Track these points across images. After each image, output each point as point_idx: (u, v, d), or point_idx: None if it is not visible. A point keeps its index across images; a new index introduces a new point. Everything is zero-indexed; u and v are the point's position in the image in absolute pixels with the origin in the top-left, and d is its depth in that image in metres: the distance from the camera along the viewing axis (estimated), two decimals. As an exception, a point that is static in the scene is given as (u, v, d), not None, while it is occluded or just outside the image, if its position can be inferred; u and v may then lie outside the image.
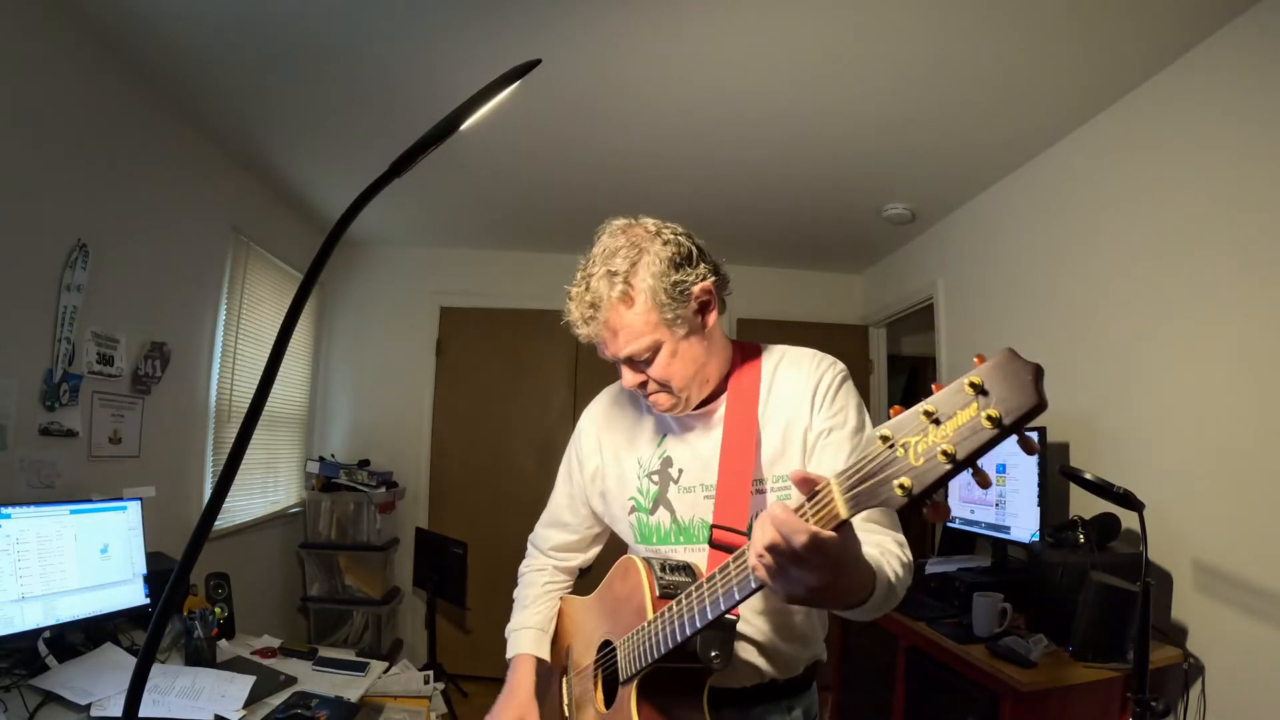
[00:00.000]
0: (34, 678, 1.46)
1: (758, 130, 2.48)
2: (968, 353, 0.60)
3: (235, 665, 1.75)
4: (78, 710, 1.39)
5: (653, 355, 0.99)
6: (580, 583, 1.31)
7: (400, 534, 3.82)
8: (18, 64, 1.74)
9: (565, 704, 1.17)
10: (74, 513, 1.69)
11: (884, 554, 0.87)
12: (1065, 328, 2.40)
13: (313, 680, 1.73)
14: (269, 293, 3.23)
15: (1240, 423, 1.74)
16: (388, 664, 1.93)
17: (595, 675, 1.07)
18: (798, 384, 1.03)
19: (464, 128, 0.74)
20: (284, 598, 3.47)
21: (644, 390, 1.03)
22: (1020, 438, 0.52)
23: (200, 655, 1.74)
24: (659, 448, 1.10)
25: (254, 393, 0.60)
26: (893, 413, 0.59)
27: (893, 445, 0.58)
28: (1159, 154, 2.01)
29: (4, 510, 1.54)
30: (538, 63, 0.81)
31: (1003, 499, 2.33)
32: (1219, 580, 1.76)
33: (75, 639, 1.67)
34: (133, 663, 1.10)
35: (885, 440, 0.58)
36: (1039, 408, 0.49)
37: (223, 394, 2.85)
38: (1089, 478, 1.59)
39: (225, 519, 2.86)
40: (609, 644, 1.04)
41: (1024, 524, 2.21)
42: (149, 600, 1.80)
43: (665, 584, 0.96)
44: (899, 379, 4.55)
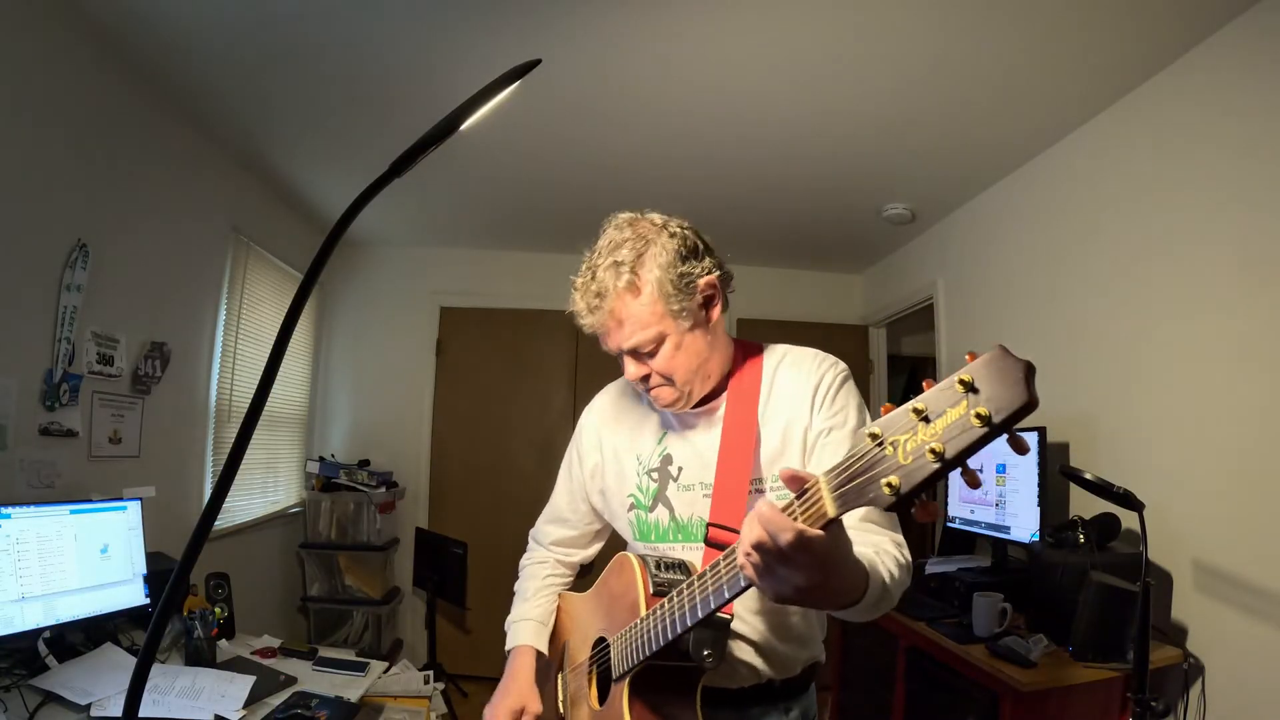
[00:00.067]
0: (34, 678, 1.46)
1: (758, 130, 2.48)
2: (967, 353, 0.60)
3: (235, 665, 1.75)
4: (78, 710, 1.39)
5: (657, 347, 0.98)
6: (579, 579, 1.31)
7: (400, 534, 3.82)
8: (18, 64, 1.74)
9: (560, 700, 1.17)
10: (74, 513, 1.69)
11: (879, 554, 0.86)
12: (1065, 328, 2.40)
13: (313, 680, 1.73)
14: (269, 293, 3.23)
15: (1240, 423, 1.74)
16: (388, 664, 1.93)
17: (590, 672, 1.07)
18: (798, 383, 1.03)
19: (464, 128, 0.74)
20: (284, 598, 3.47)
21: (646, 385, 1.03)
22: (1011, 437, 0.51)
23: (200, 655, 1.74)
24: (659, 445, 1.10)
25: (254, 393, 0.60)
26: (883, 410, 0.58)
27: (882, 443, 0.57)
28: (1159, 154, 2.02)
29: (4, 510, 1.54)
30: (538, 63, 0.81)
31: (1003, 499, 2.33)
32: (1219, 580, 1.76)
33: (75, 639, 1.67)
34: (133, 663, 1.10)
35: (874, 438, 0.57)
36: (1029, 406, 0.48)
37: (223, 394, 2.85)
38: (1089, 478, 1.59)
39: (225, 519, 2.86)
40: (603, 640, 1.04)
41: (1024, 524, 2.21)
42: (149, 600, 1.80)
43: (659, 581, 0.95)
44: (899, 379, 4.56)
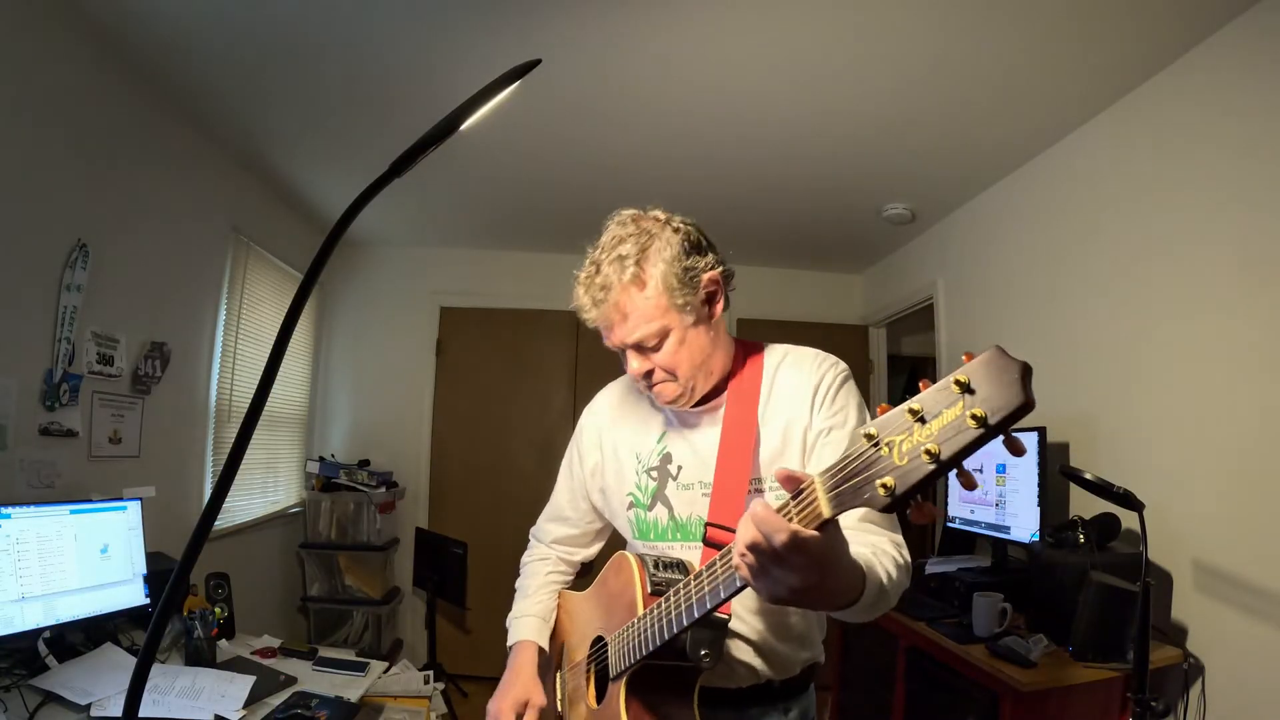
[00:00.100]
0: (34, 678, 1.46)
1: (758, 130, 2.48)
2: (972, 352, 0.60)
3: (235, 665, 1.75)
4: (78, 710, 1.39)
5: (661, 341, 0.98)
6: (579, 579, 1.31)
7: (400, 534, 3.82)
8: (17, 64, 1.74)
9: (559, 699, 1.17)
10: (74, 513, 1.69)
11: (877, 554, 0.85)
12: (1065, 328, 2.40)
13: (313, 680, 1.73)
14: (269, 293, 3.23)
15: (1240, 423, 1.74)
16: (388, 664, 1.93)
17: (588, 670, 1.07)
18: (799, 383, 1.03)
19: (464, 128, 0.74)
20: (284, 598, 3.47)
21: (649, 381, 1.02)
22: (1006, 438, 0.50)
23: (200, 655, 1.74)
24: (658, 443, 1.10)
25: (254, 393, 0.60)
26: (880, 410, 0.57)
27: (878, 444, 0.56)
28: (1159, 154, 2.01)
29: (4, 510, 1.54)
30: (538, 63, 0.81)
31: (1003, 499, 2.33)
32: (1219, 580, 1.76)
33: (75, 639, 1.67)
34: (133, 663, 1.10)
35: (870, 439, 0.57)
36: (1026, 407, 0.47)
37: (223, 394, 2.84)
38: (1089, 478, 1.59)
39: (225, 519, 2.86)
40: (601, 639, 1.04)
41: (1024, 524, 2.21)
42: (149, 600, 1.80)
43: (657, 581, 0.95)
44: (899, 379, 4.56)
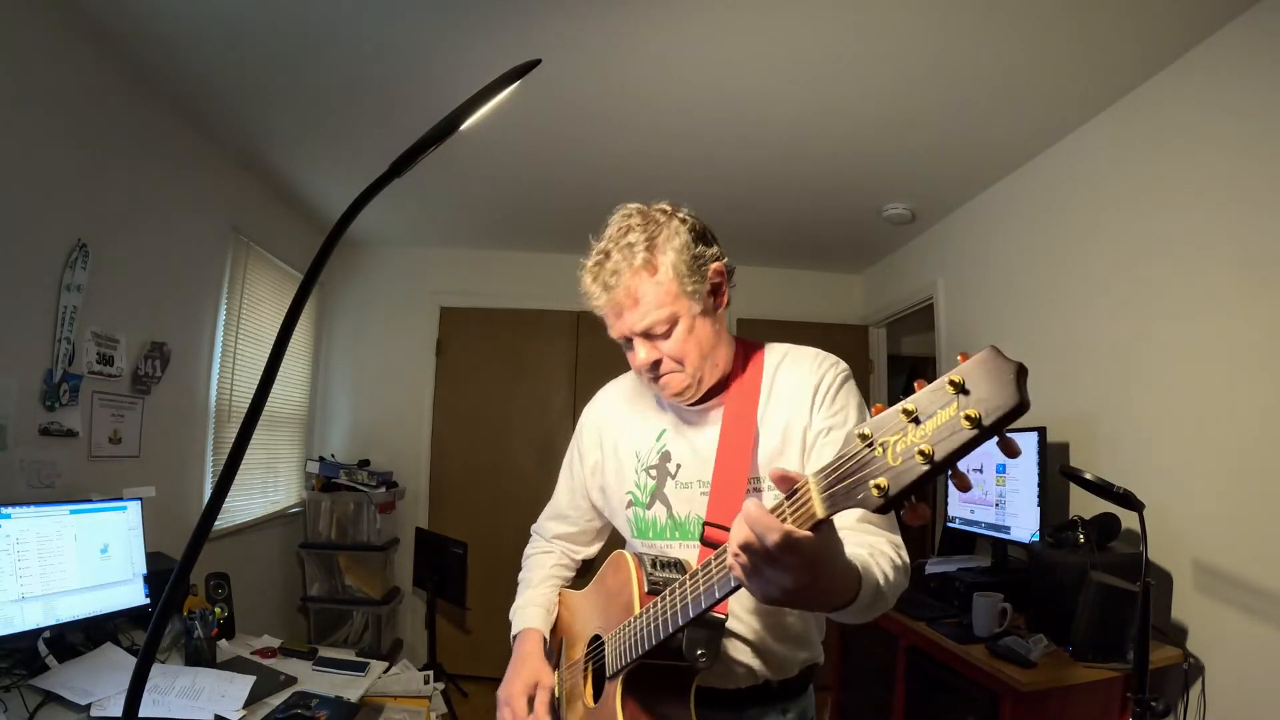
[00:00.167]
0: (34, 678, 1.46)
1: (758, 130, 2.48)
2: (967, 353, 0.60)
3: (235, 665, 1.75)
4: (78, 710, 1.39)
5: (670, 328, 0.98)
6: (578, 578, 1.31)
7: (400, 534, 3.82)
8: (18, 63, 1.74)
9: (556, 697, 1.17)
10: (74, 513, 1.69)
11: (874, 555, 0.85)
12: (1065, 327, 2.40)
13: (313, 680, 1.73)
14: (269, 293, 3.23)
15: (1240, 423, 1.74)
16: (388, 664, 1.93)
17: (585, 669, 1.07)
18: (799, 382, 1.03)
19: (464, 128, 0.74)
20: (284, 598, 3.47)
21: (655, 373, 1.01)
22: (1001, 439, 0.49)
23: (200, 655, 1.74)
24: (657, 442, 1.10)
25: (254, 393, 0.60)
26: (874, 411, 0.57)
27: (872, 444, 0.56)
28: (1159, 154, 2.01)
29: (4, 510, 1.54)
30: (538, 63, 0.81)
31: (1003, 499, 2.33)
32: (1219, 580, 1.76)
33: (75, 639, 1.67)
34: (133, 663, 1.10)
35: (864, 439, 0.56)
36: (1020, 408, 0.47)
37: (223, 394, 2.85)
38: (1089, 478, 1.59)
39: (225, 519, 2.86)
40: (599, 638, 1.04)
41: (1024, 524, 2.21)
42: (149, 600, 1.80)
43: (654, 580, 0.95)
44: (899, 379, 4.55)
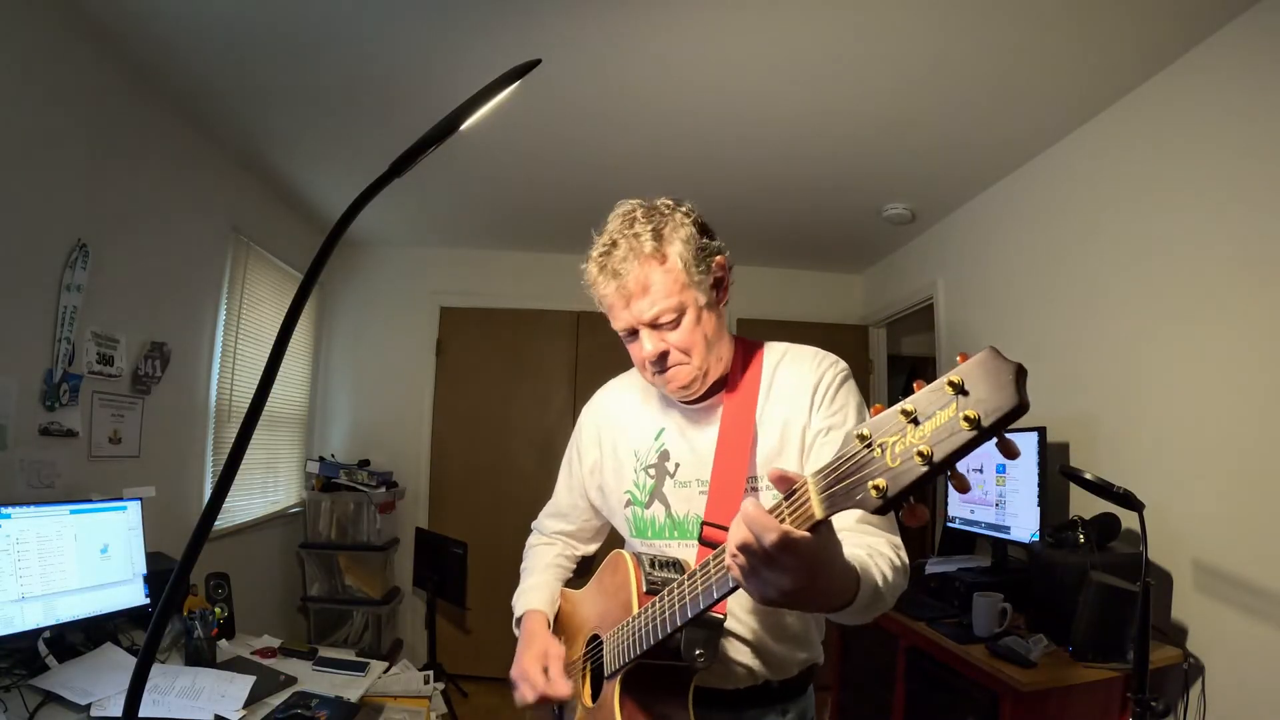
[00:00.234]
0: (34, 678, 1.46)
1: (758, 130, 2.48)
2: (967, 353, 0.59)
3: (235, 665, 1.75)
4: (78, 710, 1.39)
5: (679, 319, 0.98)
6: (577, 577, 1.31)
7: (400, 534, 3.82)
8: (17, 63, 1.74)
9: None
10: (74, 513, 1.69)
11: (873, 556, 0.85)
12: (1065, 328, 2.40)
13: (313, 680, 1.73)
14: (269, 293, 3.23)
15: (1240, 422, 1.74)
16: (388, 664, 1.93)
17: (583, 669, 1.07)
18: (798, 382, 1.03)
19: (464, 128, 0.74)
20: (284, 598, 3.47)
21: (662, 366, 1.00)
22: (1000, 440, 0.49)
23: (200, 655, 1.74)
24: (656, 441, 1.10)
25: (254, 393, 0.60)
26: (873, 411, 0.57)
27: (870, 445, 0.56)
28: (1159, 154, 2.01)
29: (4, 510, 1.54)
30: (538, 63, 0.81)
31: (1003, 499, 2.33)
32: (1219, 580, 1.76)
33: (75, 639, 1.67)
34: (133, 663, 1.10)
35: (863, 439, 0.56)
36: (1019, 409, 0.47)
37: (223, 394, 2.85)
38: (1089, 478, 1.59)
39: (225, 519, 2.86)
40: (597, 638, 1.04)
41: (1024, 524, 2.21)
42: (149, 600, 1.80)
43: (653, 580, 0.95)
44: (899, 379, 4.55)
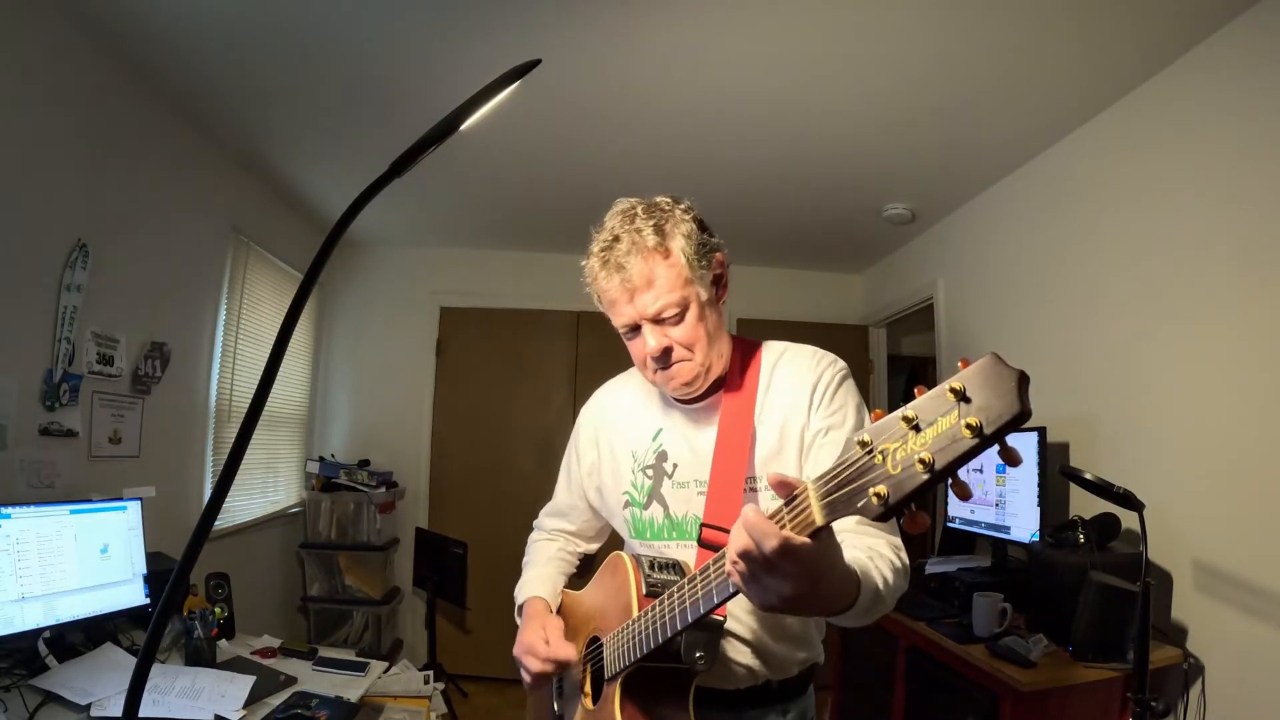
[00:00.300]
0: (34, 678, 1.46)
1: (758, 130, 2.48)
2: (967, 353, 0.59)
3: (235, 665, 1.75)
4: (78, 710, 1.39)
5: (682, 313, 0.97)
6: (576, 577, 1.31)
7: (400, 534, 3.82)
8: (17, 64, 1.74)
9: (555, 698, 1.17)
10: (74, 513, 1.69)
11: (873, 558, 0.84)
12: (1065, 328, 2.40)
13: (313, 680, 1.73)
14: (269, 293, 3.23)
15: (1240, 422, 1.74)
16: (388, 664, 1.93)
17: (584, 671, 1.07)
18: (797, 381, 1.02)
19: (464, 128, 0.74)
20: (284, 598, 3.47)
21: (664, 362, 1.00)
22: (1002, 448, 0.49)
23: (200, 655, 1.74)
24: (654, 441, 1.09)
25: (254, 393, 0.60)
26: (874, 416, 0.57)
27: (871, 451, 0.55)
28: (1159, 154, 2.01)
29: (4, 510, 1.54)
30: (538, 63, 0.80)
31: (1003, 499, 2.33)
32: (1219, 580, 1.76)
33: (75, 639, 1.67)
34: (133, 663, 1.10)
35: (864, 446, 0.56)
36: (1021, 417, 0.47)
37: (223, 394, 2.84)
38: (1089, 478, 1.59)
39: (225, 519, 2.86)
40: (597, 640, 1.04)
41: (1024, 524, 2.21)
42: (149, 600, 1.80)
43: (652, 582, 0.94)
44: (899, 379, 4.55)
